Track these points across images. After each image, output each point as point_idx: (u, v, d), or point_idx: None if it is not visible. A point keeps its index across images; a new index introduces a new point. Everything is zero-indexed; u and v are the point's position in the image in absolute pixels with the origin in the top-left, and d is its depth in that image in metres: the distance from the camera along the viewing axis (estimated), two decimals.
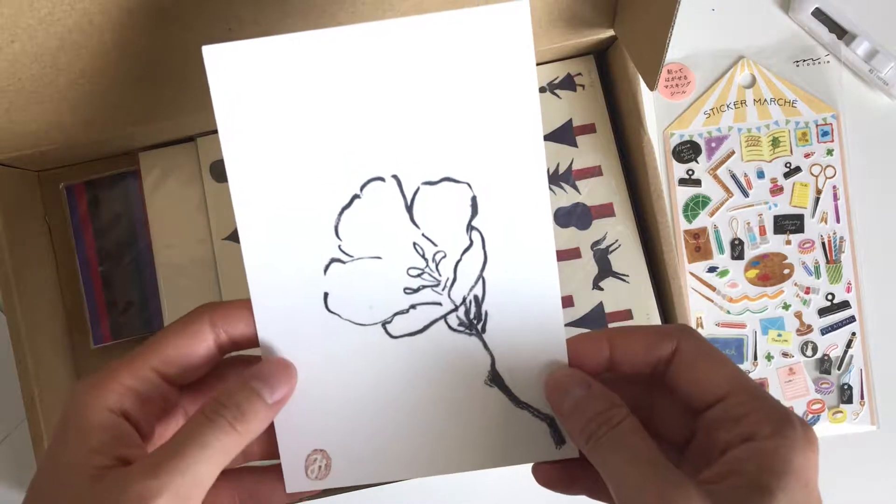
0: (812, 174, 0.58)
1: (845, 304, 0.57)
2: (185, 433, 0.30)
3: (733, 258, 0.58)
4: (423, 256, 0.35)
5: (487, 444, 0.35)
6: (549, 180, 0.52)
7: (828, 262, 0.57)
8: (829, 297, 0.57)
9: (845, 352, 0.57)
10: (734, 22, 0.59)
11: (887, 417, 0.57)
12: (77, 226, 0.53)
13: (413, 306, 0.35)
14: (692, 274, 0.58)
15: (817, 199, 0.58)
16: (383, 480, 0.36)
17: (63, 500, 0.29)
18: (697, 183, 0.58)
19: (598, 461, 0.31)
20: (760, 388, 0.31)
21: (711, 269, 0.58)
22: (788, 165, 0.58)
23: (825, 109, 0.58)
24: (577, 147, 0.52)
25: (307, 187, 0.34)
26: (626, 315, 0.51)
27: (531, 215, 0.34)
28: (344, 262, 0.34)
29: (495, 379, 0.35)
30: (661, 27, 0.40)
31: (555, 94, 0.53)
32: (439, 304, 0.35)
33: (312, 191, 0.34)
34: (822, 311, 0.57)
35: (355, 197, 0.34)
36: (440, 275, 0.35)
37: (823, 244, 0.58)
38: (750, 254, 0.58)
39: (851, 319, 0.57)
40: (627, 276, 0.51)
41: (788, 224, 0.58)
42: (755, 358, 0.57)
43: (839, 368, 0.57)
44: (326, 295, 0.35)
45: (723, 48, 0.58)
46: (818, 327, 0.57)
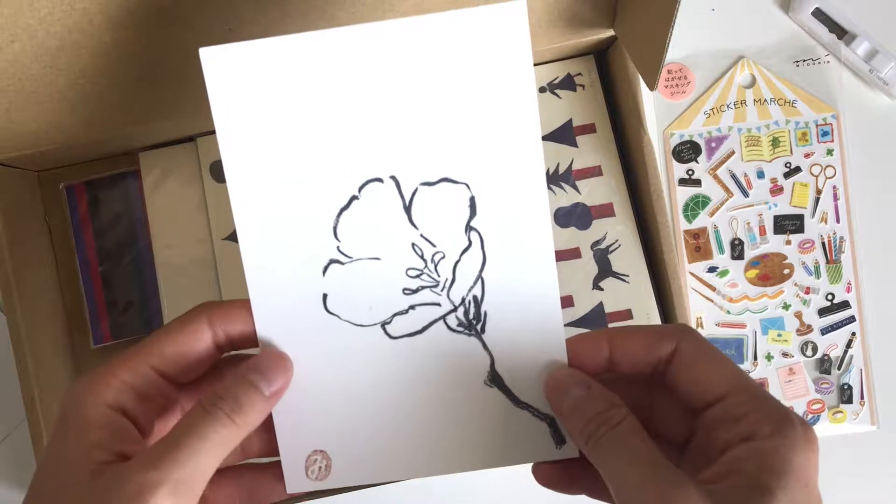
0: (812, 174, 0.58)
1: (845, 304, 0.57)
2: (184, 426, 0.30)
3: (733, 258, 0.58)
4: (422, 257, 0.35)
5: (487, 445, 0.35)
6: (550, 180, 0.52)
7: (828, 262, 0.57)
8: (829, 297, 0.57)
9: (845, 352, 0.57)
10: (734, 22, 0.59)
11: (887, 417, 0.57)
12: (77, 226, 0.53)
13: (412, 307, 0.35)
14: (692, 274, 0.58)
15: (817, 199, 0.58)
16: (383, 481, 0.36)
17: (63, 496, 0.29)
18: (697, 183, 0.58)
19: (598, 461, 0.31)
20: (760, 387, 0.31)
21: (711, 269, 0.58)
22: (788, 165, 0.58)
23: (825, 109, 0.58)
24: (577, 147, 0.52)
25: (305, 188, 0.34)
26: (626, 315, 0.51)
27: (530, 215, 0.34)
28: (343, 263, 0.34)
29: (495, 379, 0.35)
30: (661, 27, 0.40)
31: (555, 94, 0.53)
32: (438, 304, 0.35)
33: (311, 192, 0.34)
34: (822, 311, 0.57)
35: (353, 198, 0.34)
36: (439, 275, 0.35)
37: (823, 244, 0.58)
38: (750, 254, 0.58)
39: (851, 319, 0.57)
40: (627, 276, 0.51)
41: (788, 224, 0.58)
42: (755, 358, 0.57)
43: (839, 368, 0.57)
44: (325, 296, 0.35)
45: (723, 48, 0.58)
46: (818, 327, 0.57)
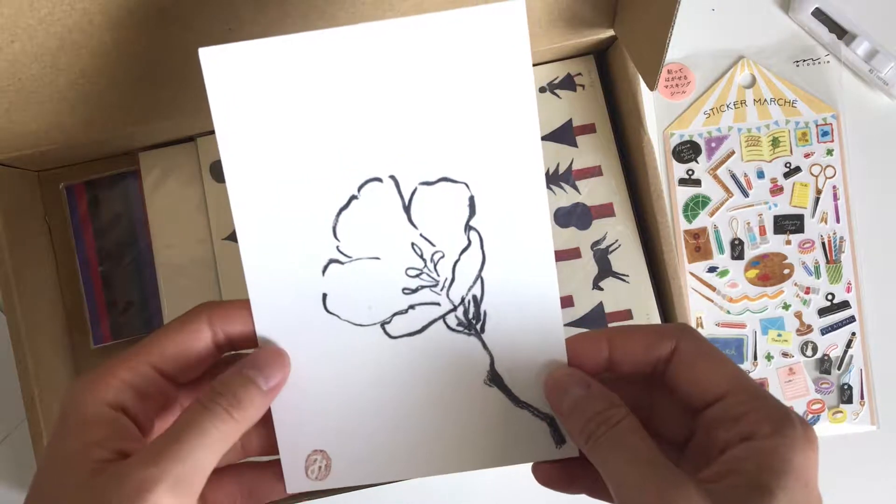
0: (812, 174, 0.58)
1: (845, 304, 0.57)
2: (183, 422, 0.30)
3: (733, 258, 0.58)
4: (422, 257, 0.35)
5: (487, 444, 0.35)
6: (550, 180, 0.52)
7: (828, 262, 0.57)
8: (829, 297, 0.57)
9: (845, 352, 0.57)
10: (734, 22, 0.59)
11: (887, 417, 0.57)
12: (77, 226, 0.53)
13: (412, 306, 0.35)
14: (692, 274, 0.58)
15: (817, 199, 0.58)
16: (383, 480, 0.36)
17: (64, 494, 0.29)
18: (697, 183, 0.58)
19: (598, 461, 0.31)
20: (760, 387, 0.31)
21: (711, 269, 0.58)
22: (788, 165, 0.58)
23: (825, 109, 0.58)
24: (577, 147, 0.52)
25: (305, 188, 0.34)
26: (626, 315, 0.51)
27: (529, 214, 0.34)
28: (342, 262, 0.34)
29: (495, 379, 0.35)
30: (661, 27, 0.40)
31: (555, 94, 0.53)
32: (438, 304, 0.35)
33: (310, 192, 0.34)
34: (822, 311, 0.57)
35: (353, 198, 0.34)
36: (438, 275, 0.35)
37: (823, 244, 0.58)
38: (750, 254, 0.58)
39: (851, 319, 0.57)
40: (627, 276, 0.51)
41: (788, 224, 0.58)
42: (755, 358, 0.57)
43: (839, 368, 0.57)
44: (325, 295, 0.35)
45: (723, 48, 0.58)
46: (818, 327, 0.57)
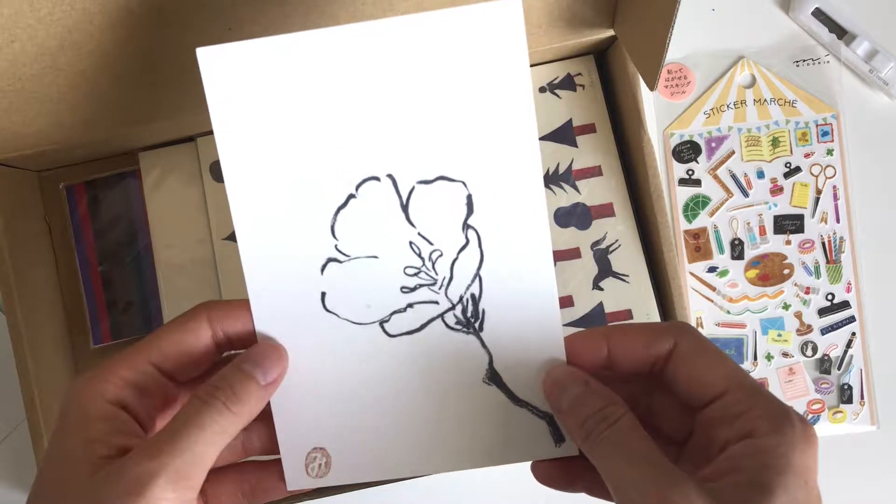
0: (812, 174, 0.58)
1: (845, 304, 0.57)
2: (182, 416, 0.30)
3: (733, 258, 0.58)
4: (420, 255, 0.35)
5: (486, 443, 0.35)
6: (550, 180, 0.52)
7: (828, 262, 0.57)
8: (829, 297, 0.57)
9: (845, 352, 0.57)
10: (734, 22, 0.59)
11: (887, 417, 0.57)
12: (77, 226, 0.53)
13: (410, 305, 0.35)
14: (692, 274, 0.58)
15: (817, 199, 0.58)
16: (383, 479, 0.36)
17: (65, 490, 0.29)
18: (697, 183, 0.58)
19: (597, 459, 0.31)
20: (759, 385, 0.31)
21: (711, 269, 0.58)
22: (788, 165, 0.58)
23: (825, 109, 0.58)
24: (577, 147, 0.52)
25: (303, 187, 0.34)
26: (626, 315, 0.51)
27: (527, 212, 0.34)
28: (340, 261, 0.35)
29: (493, 377, 0.35)
30: (661, 27, 0.40)
31: (555, 94, 0.53)
32: (436, 302, 0.35)
33: (308, 191, 0.34)
34: (822, 311, 0.57)
35: (351, 196, 0.34)
36: (437, 273, 0.35)
37: (823, 244, 0.57)
38: (750, 254, 0.58)
39: (851, 319, 0.57)
40: (627, 276, 0.51)
41: (788, 224, 0.58)
42: (755, 358, 0.57)
43: (839, 368, 0.57)
44: (324, 294, 0.35)
45: (723, 48, 0.58)
46: (818, 327, 0.57)
